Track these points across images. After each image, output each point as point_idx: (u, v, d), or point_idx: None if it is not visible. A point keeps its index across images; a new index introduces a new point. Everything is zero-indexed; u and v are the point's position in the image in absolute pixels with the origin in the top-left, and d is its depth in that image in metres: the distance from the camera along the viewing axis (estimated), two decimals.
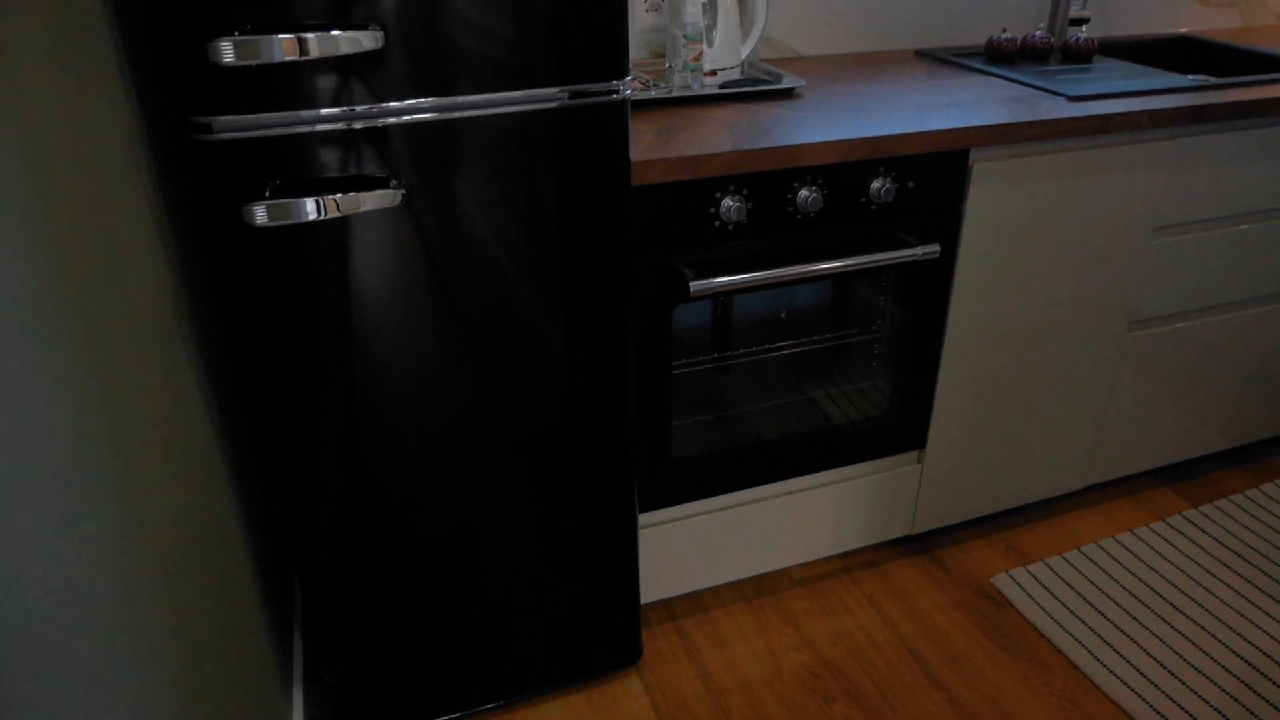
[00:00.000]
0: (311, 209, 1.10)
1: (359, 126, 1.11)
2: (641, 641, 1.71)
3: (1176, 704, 1.57)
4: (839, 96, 1.69)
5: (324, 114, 1.09)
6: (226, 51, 1.01)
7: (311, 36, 1.03)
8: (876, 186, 1.51)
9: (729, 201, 1.43)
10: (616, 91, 1.21)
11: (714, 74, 1.74)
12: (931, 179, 1.55)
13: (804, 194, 1.47)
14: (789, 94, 1.70)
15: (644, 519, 1.68)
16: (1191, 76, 1.80)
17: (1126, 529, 2.00)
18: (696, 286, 1.45)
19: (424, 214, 1.19)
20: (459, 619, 1.49)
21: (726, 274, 1.47)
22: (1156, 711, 1.56)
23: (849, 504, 1.83)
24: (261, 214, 1.09)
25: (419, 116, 1.13)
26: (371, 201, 1.13)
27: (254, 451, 1.54)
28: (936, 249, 1.57)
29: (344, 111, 1.10)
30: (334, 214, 1.11)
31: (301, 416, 1.25)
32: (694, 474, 1.66)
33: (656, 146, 1.39)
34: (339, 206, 1.11)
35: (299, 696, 1.53)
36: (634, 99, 1.62)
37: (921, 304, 1.66)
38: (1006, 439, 1.87)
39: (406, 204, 1.17)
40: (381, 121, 1.12)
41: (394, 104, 1.12)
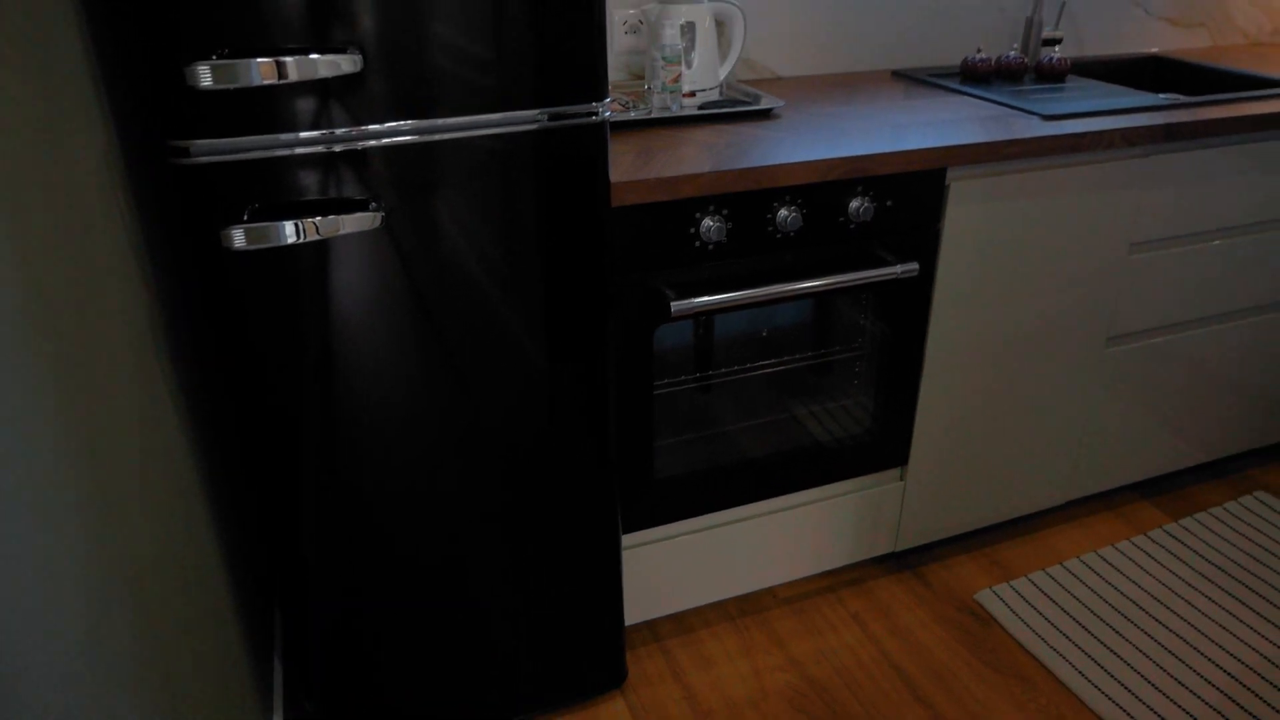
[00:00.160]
0: (290, 232, 1.10)
1: (338, 149, 1.11)
2: (626, 663, 1.70)
3: (1160, 717, 1.57)
4: (817, 117, 1.70)
5: (303, 137, 1.09)
6: (204, 75, 1.00)
7: (290, 60, 1.03)
8: (855, 206, 1.52)
9: (709, 222, 1.44)
10: (596, 113, 1.22)
11: (693, 95, 1.75)
12: (909, 198, 1.56)
13: (783, 214, 1.48)
14: (767, 115, 1.72)
15: (627, 540, 1.68)
16: (1163, 95, 1.82)
17: (1108, 543, 2.01)
18: (677, 307, 1.45)
19: (404, 236, 1.18)
20: (441, 642, 1.48)
21: (707, 294, 1.47)
22: None
23: (833, 522, 1.83)
24: (240, 238, 1.08)
25: (398, 139, 1.13)
26: (351, 224, 1.12)
27: (233, 476, 1.52)
28: (915, 267, 1.58)
29: (323, 134, 1.10)
30: (313, 237, 1.11)
31: (281, 440, 1.25)
32: (677, 494, 1.66)
33: (636, 167, 1.40)
34: (318, 230, 1.11)
35: None
36: (613, 120, 1.63)
37: (901, 321, 1.67)
38: (988, 455, 1.88)
39: (386, 226, 1.17)
40: (361, 144, 1.12)
41: (373, 127, 1.12)
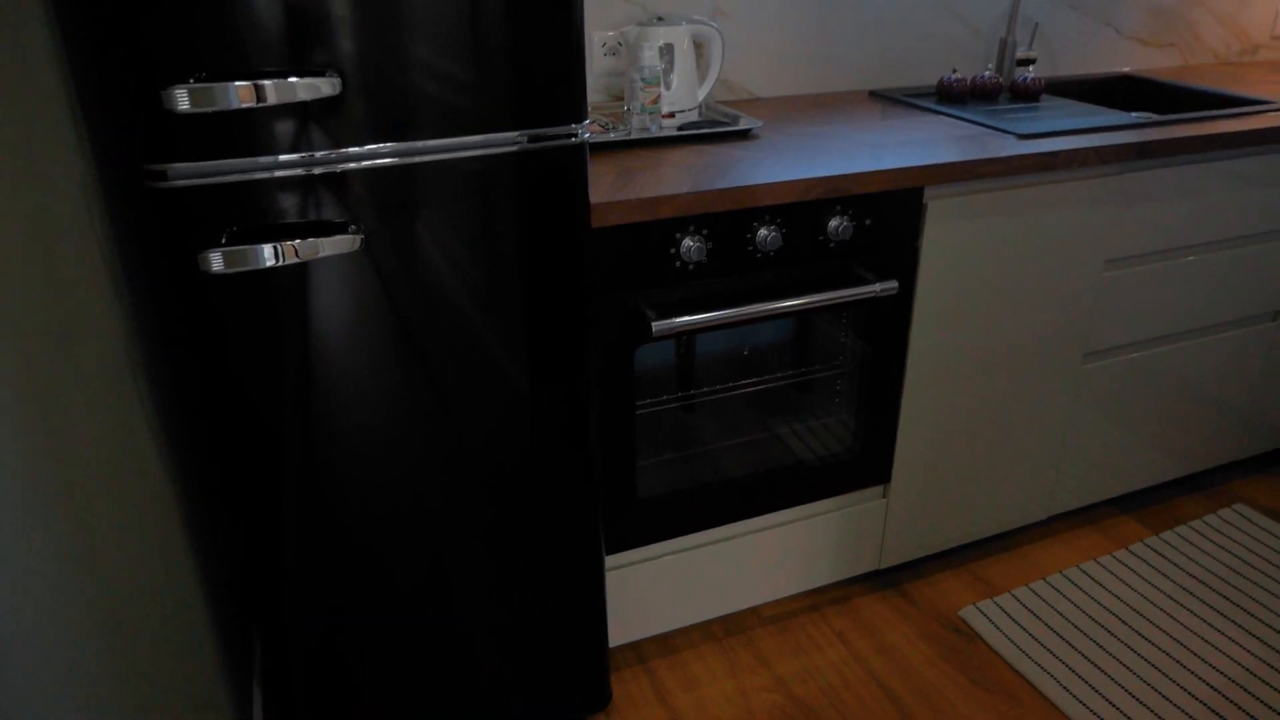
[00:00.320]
0: (269, 255, 1.09)
1: (318, 172, 1.11)
2: (611, 686, 1.68)
3: None
4: (795, 137, 1.72)
5: (282, 160, 1.09)
6: (181, 99, 1.00)
7: (269, 83, 1.03)
8: (834, 225, 1.53)
9: (689, 242, 1.44)
10: (575, 135, 1.22)
11: (672, 116, 1.76)
12: (888, 216, 1.57)
13: (763, 233, 1.48)
14: (746, 135, 1.73)
15: (611, 561, 1.67)
16: (1135, 114, 1.85)
17: (1090, 558, 2.02)
18: (658, 326, 1.45)
19: (384, 258, 1.18)
20: (423, 666, 1.46)
21: (688, 314, 1.48)
22: None
23: (816, 540, 1.83)
24: (218, 261, 1.08)
25: (378, 161, 1.13)
26: (331, 247, 1.12)
27: (213, 501, 1.51)
28: (895, 285, 1.59)
29: (303, 157, 1.10)
30: (292, 260, 1.10)
31: (261, 464, 1.23)
32: (660, 514, 1.65)
33: (616, 188, 1.40)
34: (297, 252, 1.10)
35: None
36: (593, 142, 1.64)
37: (882, 339, 1.68)
38: (970, 471, 1.89)
39: (366, 248, 1.17)
40: (340, 167, 1.12)
41: (353, 149, 1.12)
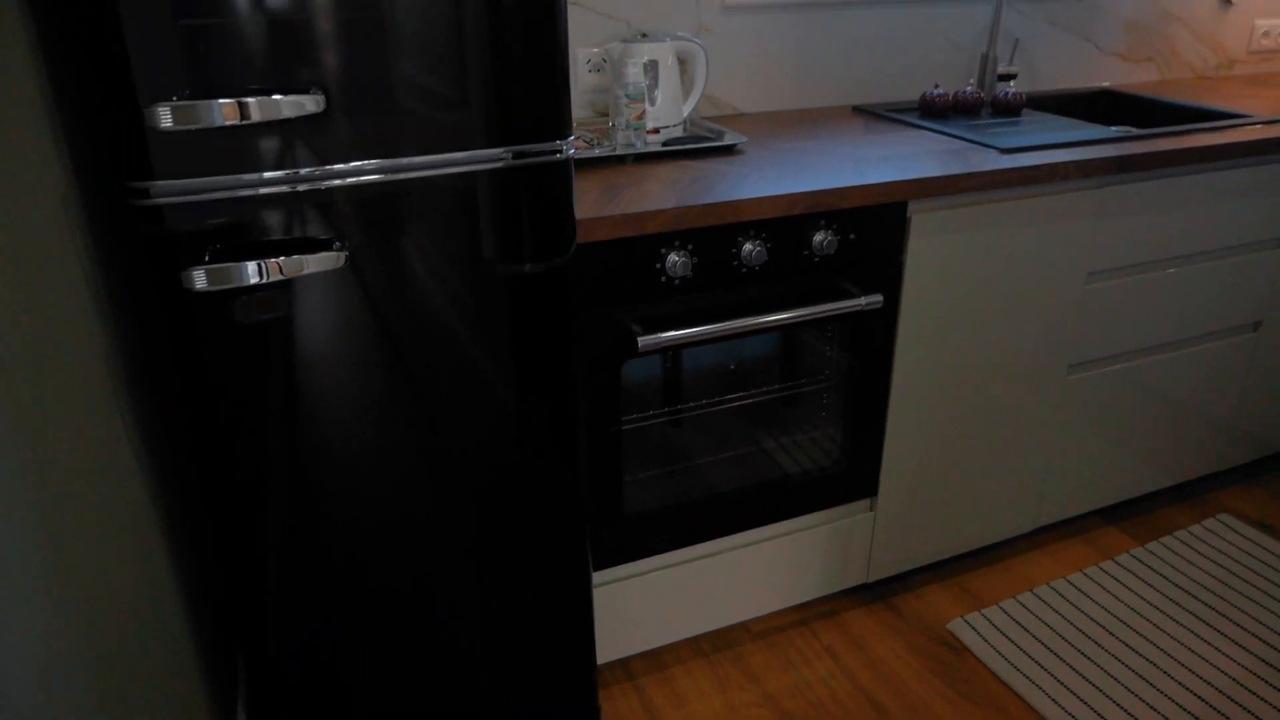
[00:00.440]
0: (253, 272, 1.09)
1: (302, 189, 1.11)
2: (599, 703, 1.67)
3: None
4: (780, 152, 1.72)
5: (266, 177, 1.09)
6: (164, 116, 1.00)
7: (253, 101, 1.03)
8: (819, 239, 1.53)
9: (674, 257, 1.44)
10: (559, 151, 1.22)
11: (657, 132, 1.77)
12: (872, 231, 1.58)
13: (748, 248, 1.49)
14: (731, 150, 1.74)
15: (598, 577, 1.66)
16: (1115, 128, 1.87)
17: (1077, 569, 2.02)
18: (644, 342, 1.45)
19: (369, 275, 1.18)
20: (410, 685, 1.45)
21: (674, 328, 1.48)
22: None
23: (804, 554, 1.83)
24: (201, 278, 1.07)
25: (363, 178, 1.13)
26: (315, 264, 1.12)
27: (197, 523, 1.49)
28: (879, 299, 1.60)
29: (287, 174, 1.09)
30: (276, 277, 1.10)
31: (246, 483, 1.22)
32: (648, 530, 1.65)
33: (601, 204, 1.41)
34: (282, 270, 1.10)
35: None
36: (578, 157, 1.64)
37: (867, 353, 1.68)
38: (956, 484, 1.90)
39: (351, 265, 1.16)
40: (325, 184, 1.12)
41: (337, 166, 1.11)
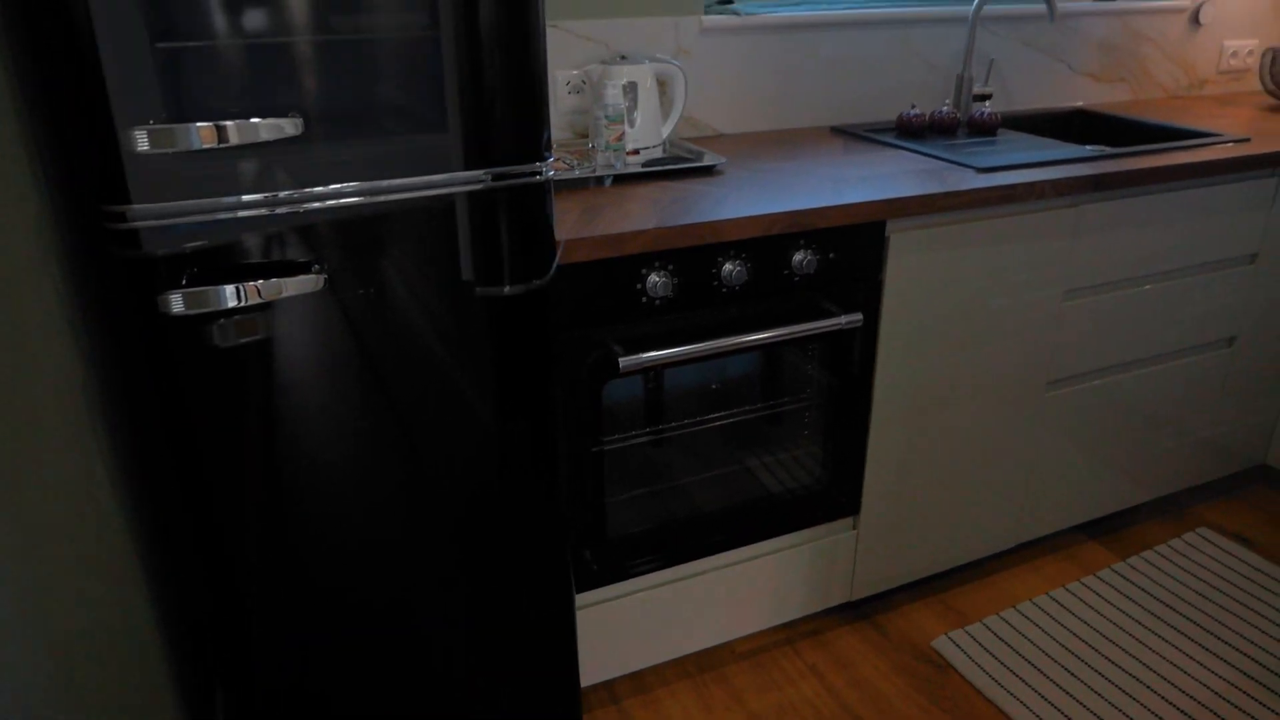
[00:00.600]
0: (231, 296, 1.08)
1: (281, 212, 1.10)
2: None
3: None
4: (759, 172, 1.74)
5: (245, 200, 1.08)
6: (141, 140, 1.00)
7: (230, 124, 1.03)
8: (798, 259, 1.54)
9: (655, 277, 1.45)
10: (539, 173, 1.23)
11: (636, 153, 1.78)
12: (851, 250, 1.59)
13: (728, 268, 1.49)
14: (710, 171, 1.75)
15: (581, 599, 1.65)
16: (1089, 147, 1.89)
17: (1059, 584, 2.03)
18: (625, 362, 1.45)
19: (348, 297, 1.17)
20: (391, 710, 1.43)
21: (655, 349, 1.48)
22: None
23: (788, 574, 1.83)
24: (178, 302, 1.06)
25: (341, 201, 1.13)
26: (294, 287, 1.11)
27: (174, 546, 1.47)
28: (859, 317, 1.61)
29: (265, 197, 1.09)
30: (255, 300, 1.09)
31: (224, 509, 1.21)
32: (631, 551, 1.64)
33: (582, 225, 1.41)
34: (260, 293, 1.09)
35: None
36: (558, 179, 1.65)
37: (848, 371, 1.69)
38: (938, 501, 1.90)
39: (330, 288, 1.16)
40: (303, 206, 1.11)
41: (316, 189, 1.11)
